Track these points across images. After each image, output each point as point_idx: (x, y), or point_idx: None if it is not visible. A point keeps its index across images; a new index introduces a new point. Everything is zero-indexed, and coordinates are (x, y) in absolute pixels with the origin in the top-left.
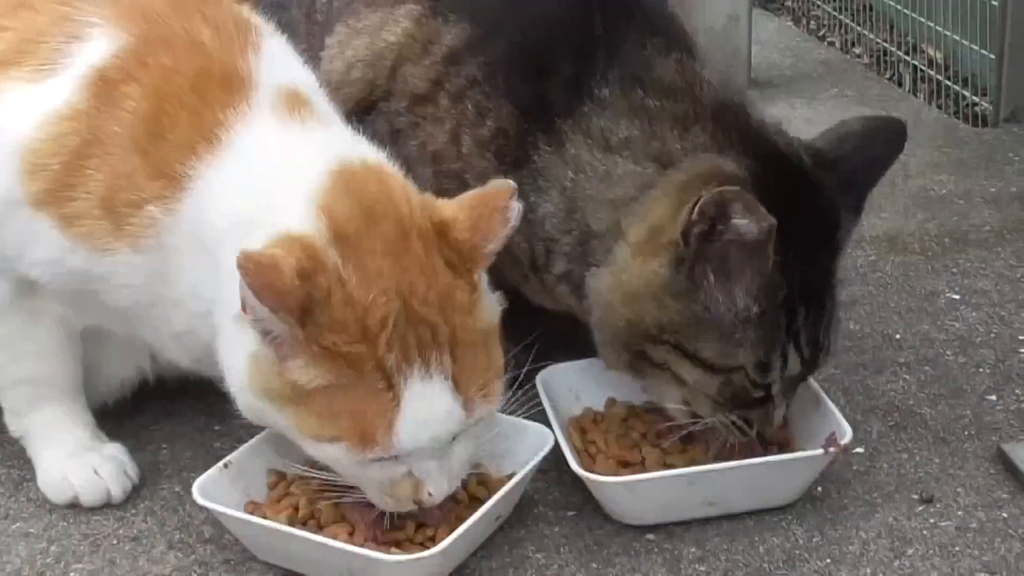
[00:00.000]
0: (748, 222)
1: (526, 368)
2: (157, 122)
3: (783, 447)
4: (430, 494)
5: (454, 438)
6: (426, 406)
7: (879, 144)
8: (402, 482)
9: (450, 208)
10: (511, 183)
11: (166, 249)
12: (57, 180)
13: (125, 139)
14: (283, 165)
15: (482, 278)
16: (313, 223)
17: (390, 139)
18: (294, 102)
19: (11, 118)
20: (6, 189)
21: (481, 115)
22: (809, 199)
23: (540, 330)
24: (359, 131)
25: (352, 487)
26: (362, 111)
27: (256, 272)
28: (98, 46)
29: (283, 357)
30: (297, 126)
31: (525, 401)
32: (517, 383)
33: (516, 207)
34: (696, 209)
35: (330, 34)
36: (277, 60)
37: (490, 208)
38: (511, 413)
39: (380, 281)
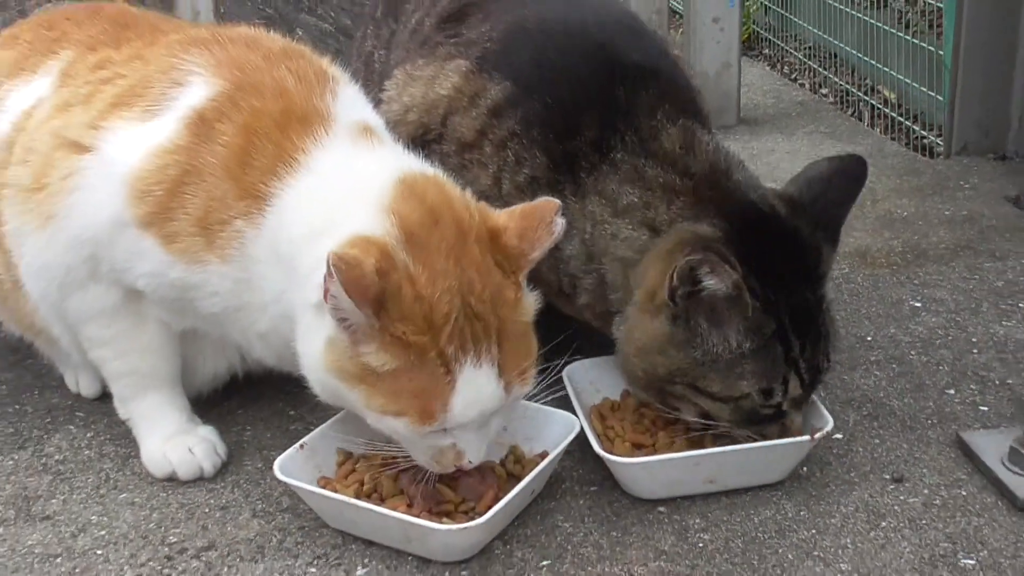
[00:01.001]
0: (716, 281)
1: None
2: (246, 153)
3: None
4: (470, 461)
5: (492, 414)
6: (476, 388)
7: (844, 182)
8: (447, 451)
9: (502, 217)
10: (557, 200)
11: (249, 258)
12: (160, 204)
13: (219, 168)
14: (356, 178)
15: (523, 279)
16: (385, 225)
17: None
18: (365, 132)
19: (122, 152)
20: (117, 212)
21: (519, 163)
22: (788, 243)
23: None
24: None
25: (407, 460)
26: (415, 148)
27: (346, 270)
28: (198, 91)
29: (356, 342)
30: (366, 148)
31: (553, 392)
32: (546, 376)
33: (560, 222)
34: (675, 276)
35: (389, 79)
36: (351, 102)
37: (537, 220)
38: (542, 402)
39: (444, 280)
